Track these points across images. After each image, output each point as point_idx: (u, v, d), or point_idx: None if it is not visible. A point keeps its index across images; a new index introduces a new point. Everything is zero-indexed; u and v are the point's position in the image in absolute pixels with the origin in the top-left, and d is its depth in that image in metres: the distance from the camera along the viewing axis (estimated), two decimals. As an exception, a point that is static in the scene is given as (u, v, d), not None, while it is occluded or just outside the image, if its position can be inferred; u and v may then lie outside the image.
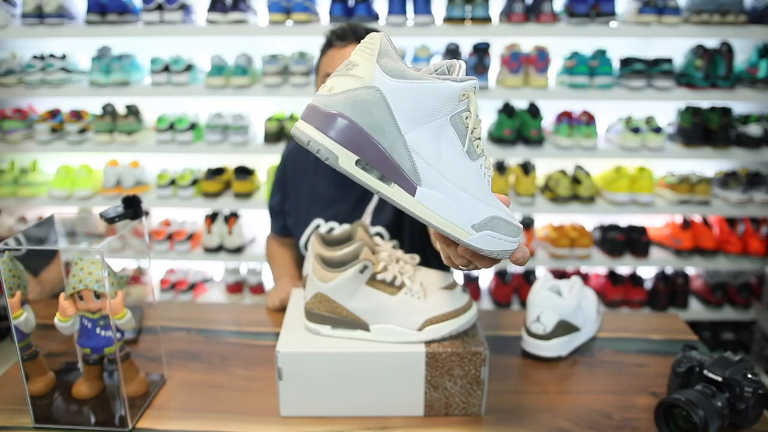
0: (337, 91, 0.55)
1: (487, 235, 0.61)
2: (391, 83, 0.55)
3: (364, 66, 0.55)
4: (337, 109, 0.54)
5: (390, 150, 0.56)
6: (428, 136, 0.58)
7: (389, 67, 0.56)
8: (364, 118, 0.54)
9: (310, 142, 0.54)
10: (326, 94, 0.55)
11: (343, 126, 0.54)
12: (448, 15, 2.21)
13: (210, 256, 2.46)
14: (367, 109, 0.54)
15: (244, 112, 2.40)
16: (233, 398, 0.97)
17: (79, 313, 0.90)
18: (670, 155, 2.33)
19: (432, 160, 0.58)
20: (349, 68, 0.56)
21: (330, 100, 0.54)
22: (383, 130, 0.55)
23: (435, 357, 0.89)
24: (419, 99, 0.56)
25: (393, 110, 0.55)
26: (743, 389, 0.86)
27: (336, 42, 1.29)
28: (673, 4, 2.18)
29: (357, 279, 0.90)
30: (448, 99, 0.57)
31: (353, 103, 0.54)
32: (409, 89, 0.56)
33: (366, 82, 0.55)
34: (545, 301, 1.06)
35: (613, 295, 2.47)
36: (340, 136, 0.54)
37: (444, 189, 0.59)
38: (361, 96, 0.54)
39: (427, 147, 0.58)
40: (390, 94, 0.55)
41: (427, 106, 0.57)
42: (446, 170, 0.59)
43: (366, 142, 0.54)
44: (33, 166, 2.50)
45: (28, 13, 2.23)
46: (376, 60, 0.55)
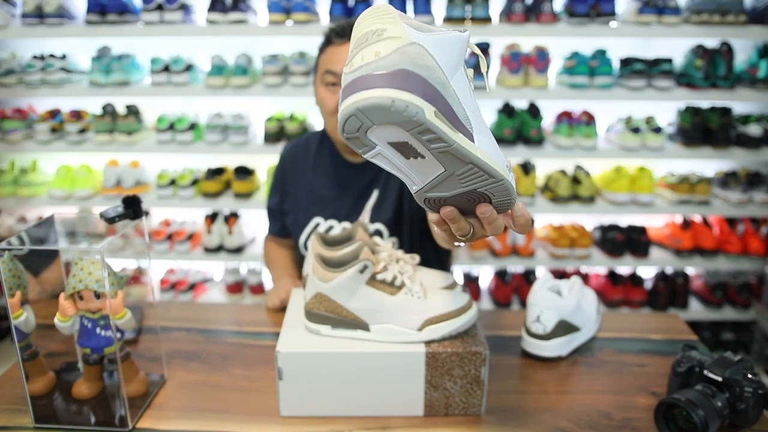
0: (386, 53, 0.53)
1: (512, 176, 0.65)
2: (425, 37, 0.55)
3: (394, 28, 0.54)
4: (401, 66, 0.52)
5: (450, 99, 0.56)
6: (460, 83, 0.59)
7: (414, 24, 0.56)
8: (425, 71, 0.53)
9: (395, 101, 0.51)
10: (374, 60, 0.53)
11: (416, 80, 0.52)
12: (448, 15, 2.21)
13: (210, 256, 2.46)
14: (423, 62, 0.53)
15: (244, 112, 2.41)
16: (233, 398, 0.97)
17: (79, 313, 0.90)
18: (670, 155, 2.33)
19: (470, 106, 0.59)
20: (379, 34, 0.54)
21: (386, 62, 0.52)
22: (441, 80, 0.55)
23: (435, 357, 0.89)
24: (447, 49, 0.57)
25: (438, 61, 0.55)
26: (743, 389, 0.86)
27: (335, 39, 1.29)
28: (673, 4, 2.18)
29: (357, 279, 0.90)
30: (462, 47, 0.60)
31: (410, 58, 0.53)
32: (439, 40, 0.57)
33: (406, 39, 0.54)
34: (545, 301, 1.06)
35: (613, 295, 2.47)
36: (418, 89, 0.52)
37: (485, 133, 0.61)
38: (412, 51, 0.53)
39: (463, 94, 0.59)
40: (429, 46, 0.55)
41: (453, 54, 0.58)
42: (476, 115, 0.61)
43: (435, 93, 0.54)
44: (33, 166, 2.50)
45: (28, 13, 2.23)
46: (401, 20, 0.56)
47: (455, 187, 0.63)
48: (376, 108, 0.51)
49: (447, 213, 0.67)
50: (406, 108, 0.51)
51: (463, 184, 0.62)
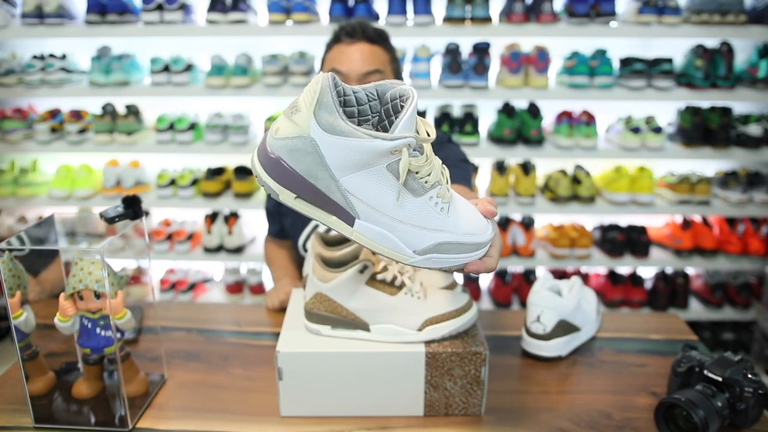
0: (280, 135, 0.60)
1: (431, 258, 0.66)
2: (324, 137, 0.59)
3: (303, 115, 0.59)
4: (276, 154, 0.61)
5: (325, 190, 0.62)
6: (363, 180, 0.62)
7: (324, 121, 0.59)
8: (299, 164, 0.60)
9: (258, 176, 0.63)
10: (272, 136, 0.61)
11: (281, 169, 0.61)
12: (448, 15, 2.21)
13: (210, 256, 2.46)
14: (302, 157, 0.60)
15: (244, 112, 2.41)
16: (233, 398, 0.97)
17: (79, 313, 0.90)
18: (670, 155, 2.33)
19: (368, 199, 0.63)
20: (293, 112, 0.60)
21: (273, 143, 0.61)
22: (317, 175, 0.61)
23: (435, 357, 0.89)
24: (351, 153, 0.60)
25: (326, 160, 0.60)
26: (743, 389, 0.86)
27: (344, 38, 1.29)
28: (673, 4, 2.18)
29: (357, 279, 0.90)
30: (381, 154, 0.60)
31: (290, 151, 0.60)
32: (340, 144, 0.59)
33: (303, 131, 0.59)
34: (545, 301, 1.06)
35: (613, 295, 2.47)
36: (279, 177, 0.61)
37: (382, 223, 0.64)
38: (297, 145, 0.60)
39: (362, 189, 0.62)
40: (323, 145, 0.60)
41: (359, 158, 0.60)
42: (384, 207, 0.63)
43: (302, 184, 0.61)
44: (33, 166, 2.50)
45: (28, 13, 2.23)
46: (313, 111, 0.59)
47: None
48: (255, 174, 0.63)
49: None
50: (263, 185, 0.63)
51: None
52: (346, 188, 0.61)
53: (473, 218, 0.68)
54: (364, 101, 0.65)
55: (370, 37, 1.29)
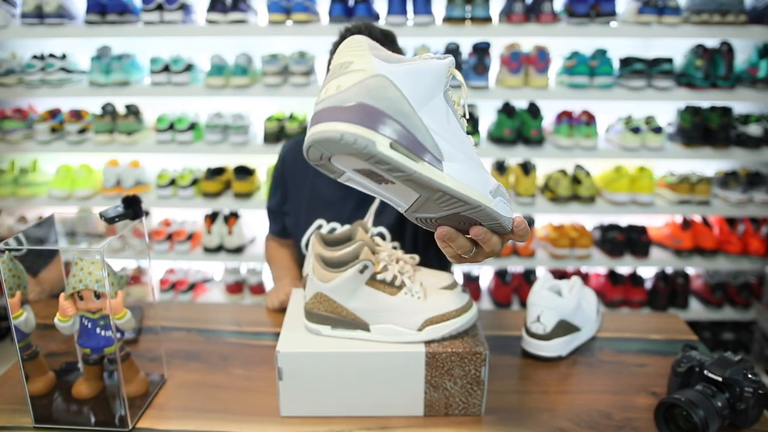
0: (346, 86, 0.55)
1: (500, 201, 0.64)
2: (392, 68, 0.57)
3: (361, 61, 0.57)
4: (357, 100, 0.54)
5: (413, 129, 0.57)
6: (435, 112, 0.60)
7: (383, 55, 0.58)
8: (384, 102, 0.55)
9: (344, 135, 0.53)
10: (335, 93, 0.55)
11: (370, 112, 0.54)
12: (448, 15, 2.21)
13: (210, 256, 2.46)
14: (383, 93, 0.55)
15: (244, 112, 2.41)
16: (233, 398, 0.97)
17: (79, 313, 0.90)
18: (670, 155, 2.33)
19: (445, 134, 0.60)
20: (345, 67, 0.57)
21: (344, 95, 0.55)
22: (402, 110, 0.56)
23: (435, 357, 0.89)
24: (419, 79, 0.59)
25: (404, 92, 0.57)
26: (743, 389, 0.86)
27: None
28: (673, 4, 2.18)
29: (357, 279, 0.90)
30: (440, 76, 0.61)
31: (368, 91, 0.55)
32: (408, 71, 0.58)
33: (370, 72, 0.56)
34: (545, 301, 1.06)
35: (613, 295, 2.47)
36: (371, 122, 0.54)
37: (461, 160, 0.61)
38: (373, 84, 0.55)
39: (437, 122, 0.60)
40: (395, 78, 0.57)
41: (427, 84, 0.60)
42: (457, 142, 0.62)
43: (393, 124, 0.55)
44: (33, 166, 2.50)
45: (28, 13, 2.23)
46: (370, 52, 0.57)
47: (437, 210, 0.64)
48: (328, 141, 0.54)
49: (442, 233, 0.67)
50: (355, 141, 0.53)
51: (443, 208, 0.63)
52: (426, 123, 0.58)
53: None
54: None
55: (376, 38, 1.29)
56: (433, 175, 0.58)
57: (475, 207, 0.62)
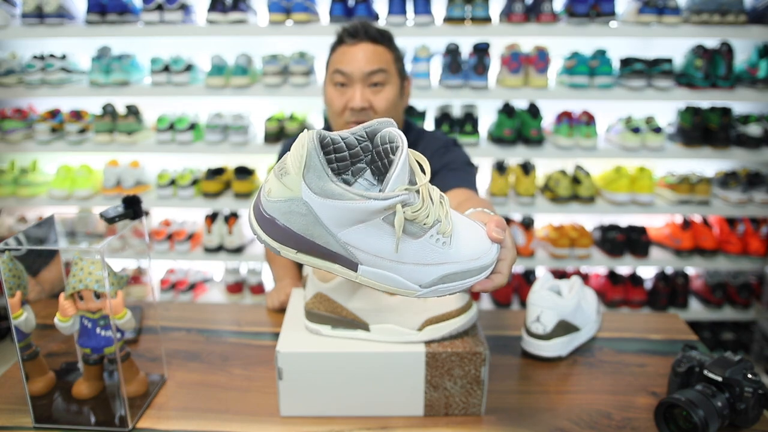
0: (273, 198, 0.61)
1: (438, 289, 0.67)
2: (316, 200, 0.60)
3: (293, 178, 0.59)
4: (271, 215, 0.62)
5: (325, 244, 0.62)
6: (361, 232, 0.62)
7: (314, 184, 0.59)
8: (295, 225, 0.61)
9: (259, 236, 0.64)
10: (266, 197, 0.62)
11: (278, 229, 0.62)
12: (448, 15, 2.22)
13: (210, 256, 2.46)
14: (297, 218, 0.61)
15: (244, 112, 2.41)
16: (233, 398, 0.97)
17: (79, 313, 0.90)
18: (670, 155, 2.33)
19: (368, 249, 0.63)
20: (282, 174, 0.60)
21: (267, 205, 0.62)
22: (314, 233, 0.62)
23: (435, 357, 0.89)
24: (345, 213, 0.60)
25: (322, 220, 0.61)
26: (743, 389, 0.86)
27: (348, 39, 1.29)
28: (673, 4, 2.18)
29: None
30: (375, 212, 0.61)
31: (284, 213, 0.61)
32: (333, 206, 0.60)
33: (295, 193, 0.60)
34: (545, 301, 1.06)
35: (613, 295, 2.47)
36: (277, 236, 0.62)
37: (384, 266, 0.65)
38: (291, 207, 0.60)
39: (361, 241, 0.63)
40: (316, 207, 0.60)
41: (354, 217, 0.61)
42: (385, 253, 0.64)
43: (301, 240, 0.62)
44: (33, 166, 2.50)
45: (28, 13, 2.23)
46: (302, 175, 0.59)
47: None
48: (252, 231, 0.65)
49: None
50: (264, 243, 0.64)
51: None
52: (345, 241, 0.62)
53: (477, 241, 0.68)
54: (354, 145, 0.64)
55: (373, 37, 1.29)
56: (343, 274, 0.65)
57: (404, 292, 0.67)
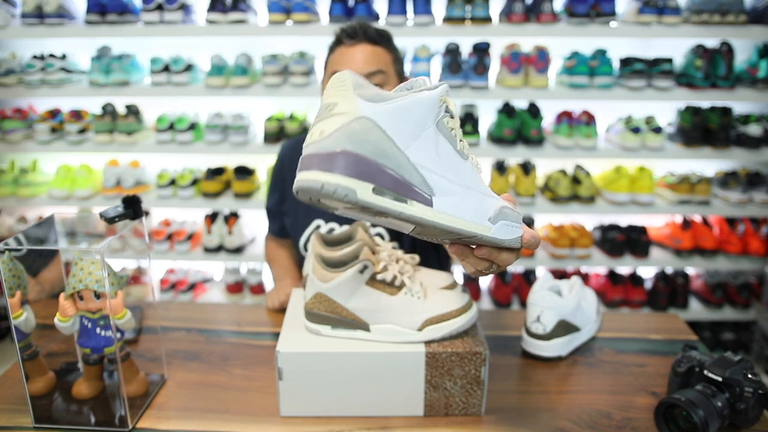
0: (329, 132, 0.55)
1: (503, 225, 0.64)
2: (376, 108, 0.56)
3: (345, 102, 0.56)
4: (338, 147, 0.54)
5: (398, 169, 0.57)
6: (424, 147, 0.59)
7: (367, 94, 0.56)
8: (366, 147, 0.55)
9: (324, 185, 0.53)
10: (318, 140, 0.55)
11: (350, 160, 0.54)
12: (448, 15, 2.21)
13: (210, 256, 2.46)
14: (365, 137, 0.55)
15: (244, 112, 2.41)
16: (233, 398, 0.97)
17: (79, 313, 0.90)
18: (670, 155, 2.33)
19: (435, 168, 0.60)
20: (330, 109, 0.56)
21: (326, 143, 0.54)
22: (386, 153, 0.56)
23: (435, 357, 0.89)
24: (405, 115, 0.58)
25: (388, 132, 0.56)
26: (743, 389, 0.86)
27: (346, 40, 1.29)
28: (673, 4, 2.18)
29: (357, 279, 0.90)
30: (430, 108, 0.59)
31: (349, 136, 0.54)
32: (394, 109, 0.57)
33: (353, 114, 0.55)
34: (545, 301, 1.06)
35: (613, 295, 2.47)
36: (351, 170, 0.54)
37: (455, 192, 0.61)
38: (355, 128, 0.54)
39: (427, 157, 0.59)
40: (379, 118, 0.56)
41: (414, 119, 0.58)
42: (449, 174, 0.61)
43: (376, 169, 0.55)
44: (33, 166, 2.50)
45: (28, 13, 2.23)
46: (354, 92, 0.56)
47: (437, 236, 0.65)
48: (310, 190, 0.54)
49: (454, 250, 0.69)
50: (335, 191, 0.53)
51: (441, 236, 0.64)
52: (415, 160, 0.58)
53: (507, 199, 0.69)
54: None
55: (371, 37, 1.29)
56: (422, 213, 0.58)
57: (471, 237, 0.63)
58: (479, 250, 0.67)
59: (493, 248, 0.67)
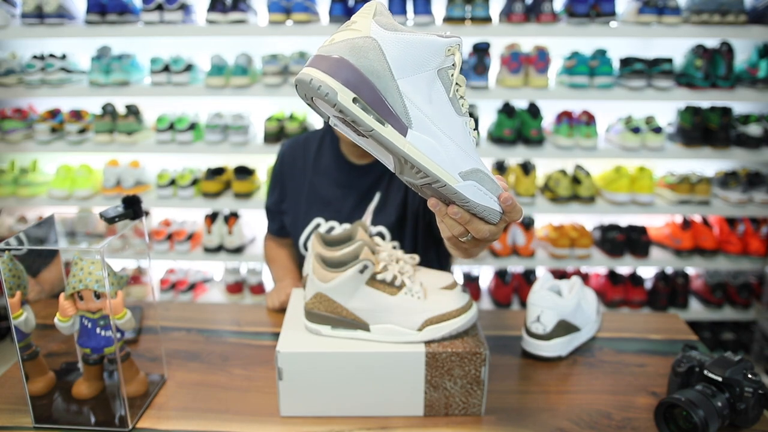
0: (338, 40, 0.61)
1: (473, 186, 0.66)
2: (384, 34, 0.61)
3: (362, 21, 0.62)
4: (338, 54, 0.60)
5: (384, 92, 0.61)
6: (418, 84, 0.63)
7: (384, 22, 0.62)
8: (362, 61, 0.60)
9: (312, 80, 0.59)
10: (328, 44, 0.61)
11: (343, 66, 0.60)
12: (448, 15, 2.22)
13: (210, 256, 2.46)
14: (364, 53, 0.60)
15: (244, 112, 2.41)
16: (233, 398, 0.97)
17: (79, 313, 0.90)
18: (670, 155, 2.33)
19: (422, 106, 0.63)
20: (348, 24, 0.62)
21: (331, 47, 0.61)
22: (378, 73, 0.61)
23: (435, 357, 0.89)
24: (410, 49, 0.62)
25: (387, 57, 0.61)
26: (743, 389, 0.86)
27: None
28: (673, 4, 2.18)
29: (357, 279, 0.90)
30: (436, 52, 0.63)
31: (351, 48, 0.60)
32: (400, 40, 0.62)
33: (363, 33, 0.61)
34: (545, 301, 1.06)
35: (613, 295, 2.47)
36: (340, 74, 0.59)
37: (432, 134, 0.64)
38: (359, 43, 0.60)
39: (417, 94, 0.63)
40: (384, 42, 0.61)
41: (417, 56, 0.62)
42: (435, 117, 0.64)
43: (363, 82, 0.60)
44: (33, 166, 2.50)
45: (28, 13, 2.23)
46: (372, 17, 0.62)
47: (414, 177, 0.67)
48: (303, 83, 0.60)
49: (431, 204, 0.71)
50: (319, 87, 0.59)
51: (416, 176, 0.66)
52: (404, 91, 0.62)
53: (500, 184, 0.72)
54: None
55: None
56: (392, 138, 0.62)
57: (437, 181, 0.65)
58: (451, 208, 0.69)
59: (465, 212, 0.68)
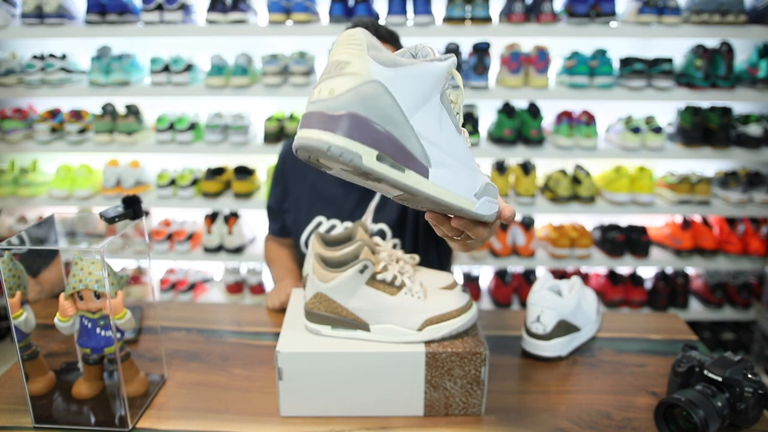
0: (340, 91, 0.53)
1: (485, 201, 0.66)
2: (388, 73, 0.55)
3: (358, 62, 0.54)
4: (348, 110, 0.52)
5: (402, 138, 0.56)
6: (428, 116, 0.59)
7: (381, 58, 0.55)
8: (375, 112, 0.53)
9: (331, 147, 0.51)
10: (327, 98, 0.53)
11: (360, 124, 0.52)
12: (448, 15, 2.21)
13: (210, 256, 2.46)
14: (375, 102, 0.53)
15: (244, 112, 2.41)
16: (233, 398, 0.97)
17: (79, 313, 0.90)
18: (670, 155, 2.33)
19: (435, 139, 0.60)
20: (341, 68, 0.54)
21: (336, 102, 0.52)
22: (394, 121, 0.55)
23: (435, 357, 0.89)
24: (416, 85, 0.57)
25: (397, 100, 0.55)
26: (743, 389, 0.86)
27: None
28: (673, 4, 2.18)
29: (357, 279, 0.90)
30: (438, 78, 0.60)
31: (359, 99, 0.52)
32: (405, 76, 0.56)
33: (365, 77, 0.53)
34: (545, 301, 1.06)
35: (613, 295, 2.47)
36: (359, 134, 0.52)
37: (447, 165, 0.61)
38: (366, 91, 0.53)
39: (429, 128, 0.59)
40: (390, 84, 0.55)
41: (423, 89, 0.58)
42: (444, 146, 0.61)
43: (382, 136, 0.54)
44: (33, 166, 2.50)
45: (28, 13, 2.23)
46: (367, 54, 0.54)
47: (421, 205, 0.65)
48: (315, 149, 0.52)
49: (429, 217, 0.70)
50: (341, 154, 0.51)
51: (425, 206, 0.65)
52: (418, 130, 0.57)
53: None
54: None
55: (382, 36, 1.29)
56: (418, 185, 0.58)
57: (457, 211, 0.64)
58: (456, 221, 0.68)
59: (470, 221, 0.68)
